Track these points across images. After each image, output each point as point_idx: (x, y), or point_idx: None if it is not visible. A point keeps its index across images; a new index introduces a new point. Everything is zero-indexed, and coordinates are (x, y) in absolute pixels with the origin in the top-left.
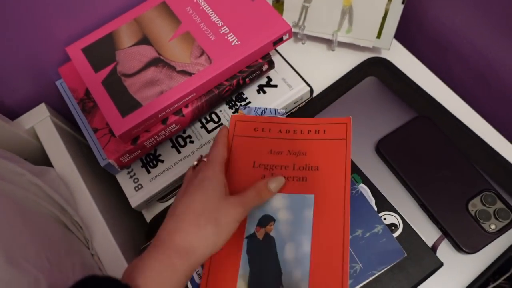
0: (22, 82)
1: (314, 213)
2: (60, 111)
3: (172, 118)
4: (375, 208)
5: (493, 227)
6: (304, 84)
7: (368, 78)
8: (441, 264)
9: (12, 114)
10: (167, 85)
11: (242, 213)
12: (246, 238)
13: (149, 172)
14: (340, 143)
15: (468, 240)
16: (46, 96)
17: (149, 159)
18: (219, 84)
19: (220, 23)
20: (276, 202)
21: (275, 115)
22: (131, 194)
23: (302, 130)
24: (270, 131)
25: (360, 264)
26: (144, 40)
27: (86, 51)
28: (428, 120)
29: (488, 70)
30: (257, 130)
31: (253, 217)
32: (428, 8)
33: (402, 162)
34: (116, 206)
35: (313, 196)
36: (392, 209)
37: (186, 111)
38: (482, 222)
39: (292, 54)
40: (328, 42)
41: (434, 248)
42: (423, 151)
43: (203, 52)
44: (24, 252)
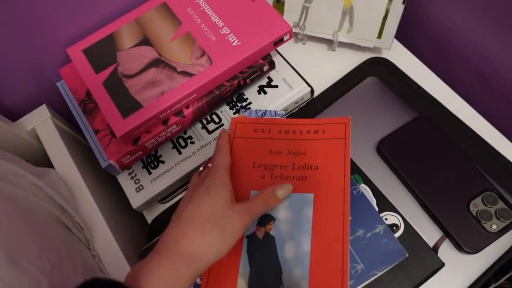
0: (23, 83)
1: (314, 212)
2: (61, 112)
3: (173, 119)
4: (376, 208)
5: (494, 227)
6: (304, 84)
7: (369, 78)
8: (442, 264)
9: (13, 115)
10: (168, 86)
11: (247, 221)
12: (246, 237)
13: (150, 173)
14: (339, 143)
15: (470, 240)
16: (47, 97)
17: (150, 160)
18: (220, 85)
19: (220, 24)
20: None
21: (275, 117)
22: (132, 195)
23: (302, 131)
24: (270, 132)
25: (362, 264)
26: (145, 41)
27: (87, 52)
28: (429, 120)
29: (489, 70)
30: (257, 131)
31: None
32: (429, 8)
33: (403, 162)
34: (117, 207)
35: (312, 195)
36: (393, 209)
37: (187, 111)
38: (483, 222)
39: (292, 54)
40: (329, 42)
41: (436, 248)
42: (424, 151)
43: (203, 53)
44: (26, 253)
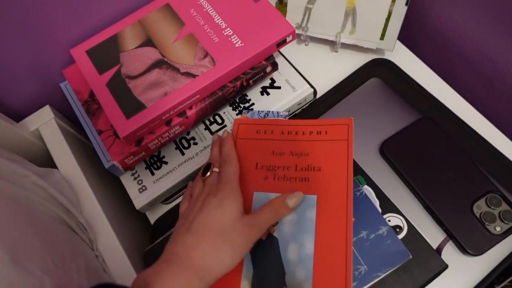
0: (26, 84)
1: (317, 213)
2: (64, 113)
3: (176, 120)
4: (380, 210)
5: (498, 229)
6: (307, 85)
7: (372, 79)
8: (446, 266)
9: (17, 116)
10: (171, 87)
11: (256, 234)
12: None
13: (153, 173)
14: (341, 144)
15: (473, 242)
16: (51, 98)
17: (153, 160)
18: (222, 86)
19: (223, 25)
20: None
21: (278, 118)
22: (135, 195)
23: (304, 132)
24: (272, 133)
25: (365, 266)
26: (148, 42)
27: (91, 53)
28: (431, 121)
29: (492, 71)
30: (259, 133)
31: None
32: (431, 10)
33: (406, 164)
34: (120, 207)
35: (315, 196)
36: (396, 211)
37: (190, 112)
38: (487, 224)
39: (295, 55)
40: (332, 44)
41: (439, 250)
42: (427, 152)
43: (206, 54)
44: (30, 253)
